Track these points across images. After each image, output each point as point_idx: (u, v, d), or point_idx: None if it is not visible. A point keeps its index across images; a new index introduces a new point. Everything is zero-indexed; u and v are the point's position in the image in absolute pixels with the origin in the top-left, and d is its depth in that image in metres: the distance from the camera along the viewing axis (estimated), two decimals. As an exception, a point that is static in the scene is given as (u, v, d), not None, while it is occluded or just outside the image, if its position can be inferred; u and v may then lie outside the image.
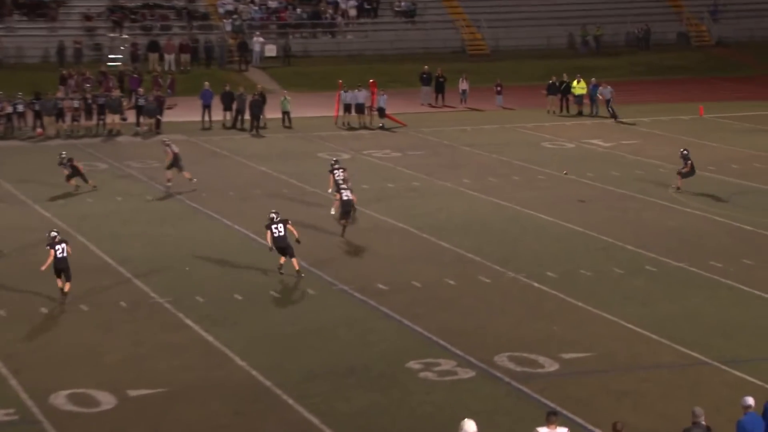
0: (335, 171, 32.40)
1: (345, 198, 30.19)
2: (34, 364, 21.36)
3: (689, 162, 35.42)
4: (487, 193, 35.41)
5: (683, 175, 35.43)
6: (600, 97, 49.23)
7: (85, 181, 35.30)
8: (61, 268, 24.85)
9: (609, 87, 49.05)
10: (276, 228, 26.51)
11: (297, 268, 26.53)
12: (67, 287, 24.89)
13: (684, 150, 36.06)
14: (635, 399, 19.91)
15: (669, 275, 27.00)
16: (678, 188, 35.31)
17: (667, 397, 19.97)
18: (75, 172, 35.20)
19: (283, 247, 26.45)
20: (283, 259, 26.58)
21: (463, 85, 52.67)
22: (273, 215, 26.82)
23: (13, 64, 57.83)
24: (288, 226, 26.75)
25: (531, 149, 42.69)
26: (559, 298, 25.36)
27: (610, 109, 48.49)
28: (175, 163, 35.64)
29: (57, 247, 24.83)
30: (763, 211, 32.93)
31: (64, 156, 35.43)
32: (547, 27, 66.39)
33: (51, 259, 24.75)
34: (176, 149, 35.96)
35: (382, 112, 47.24)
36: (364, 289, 25.81)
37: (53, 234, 25.20)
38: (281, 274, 26.66)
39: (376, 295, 25.47)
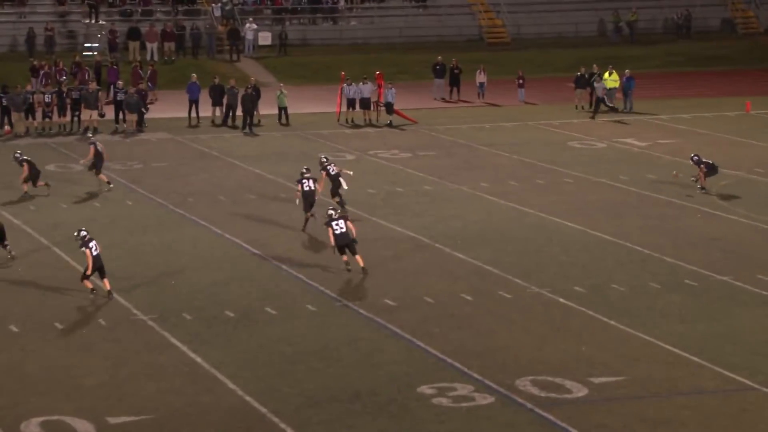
0: (328, 168, 33.27)
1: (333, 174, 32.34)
2: (4, 388, 21.49)
3: (702, 166, 35.80)
4: (507, 199, 35.52)
5: (706, 175, 35.74)
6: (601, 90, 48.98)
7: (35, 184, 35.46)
8: (98, 266, 26.12)
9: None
10: (337, 225, 27.80)
11: (362, 264, 27.94)
12: (107, 284, 26.09)
13: (694, 155, 36.37)
14: (674, 428, 20.01)
15: (711, 290, 27.10)
16: (703, 188, 35.59)
17: (709, 428, 20.07)
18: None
19: (345, 244, 27.90)
20: (345, 257, 27.95)
21: (481, 77, 52.83)
22: (331, 212, 28.27)
23: (-23, 54, 58.14)
24: (347, 222, 27.99)
25: (557, 149, 42.77)
26: (587, 315, 25.46)
27: (604, 101, 48.38)
28: (97, 164, 36.10)
29: (90, 245, 26.06)
30: (817, 219, 33.04)
31: (18, 155, 35.53)
32: (575, 12, 66.48)
33: (90, 259, 25.97)
34: (101, 148, 36.40)
35: (390, 107, 47.41)
36: (370, 306, 25.93)
37: (83, 233, 26.30)
38: (348, 271, 27.86)
39: (384, 312, 25.59)
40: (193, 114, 47.16)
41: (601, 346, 23.67)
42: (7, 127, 44.81)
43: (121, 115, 46.04)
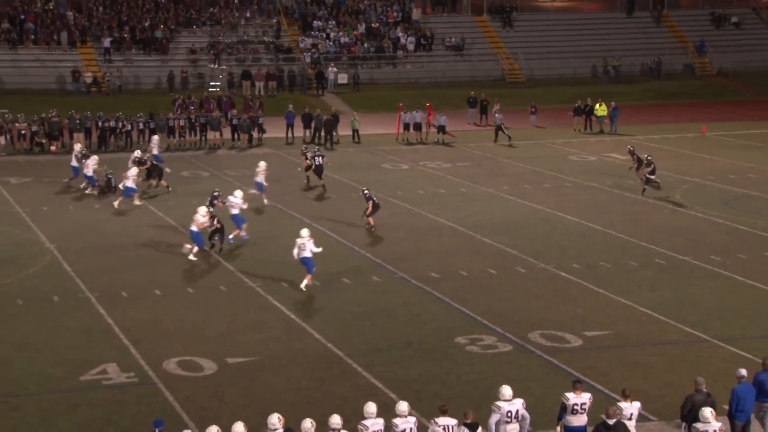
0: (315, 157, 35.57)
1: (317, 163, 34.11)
2: (150, 336, 21.72)
3: (635, 156, 36.63)
4: (522, 198, 35.35)
5: (638, 167, 36.70)
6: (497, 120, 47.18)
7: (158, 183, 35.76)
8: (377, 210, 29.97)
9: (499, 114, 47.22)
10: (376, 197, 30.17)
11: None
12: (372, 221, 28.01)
13: (630, 147, 37.67)
14: (646, 370, 19.87)
15: (675, 267, 26.84)
16: (645, 178, 35.58)
17: (673, 369, 19.90)
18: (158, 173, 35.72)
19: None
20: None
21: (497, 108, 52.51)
22: (366, 191, 30.31)
23: (132, 89, 58.59)
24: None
25: (559, 161, 42.51)
26: (582, 285, 25.32)
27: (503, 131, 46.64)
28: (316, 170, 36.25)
29: (374, 198, 29.96)
30: (756, 214, 32.60)
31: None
32: (574, 59, 66.06)
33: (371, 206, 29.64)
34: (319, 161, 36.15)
35: (443, 129, 47.33)
36: (420, 277, 25.93)
37: (366, 190, 30.16)
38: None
39: (430, 282, 25.57)
40: (290, 134, 47.23)
41: (592, 308, 23.53)
42: (52, 147, 43.76)
43: (235, 136, 46.19)
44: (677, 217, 32.59)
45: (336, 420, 14.81)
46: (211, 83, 58.98)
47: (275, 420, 14.51)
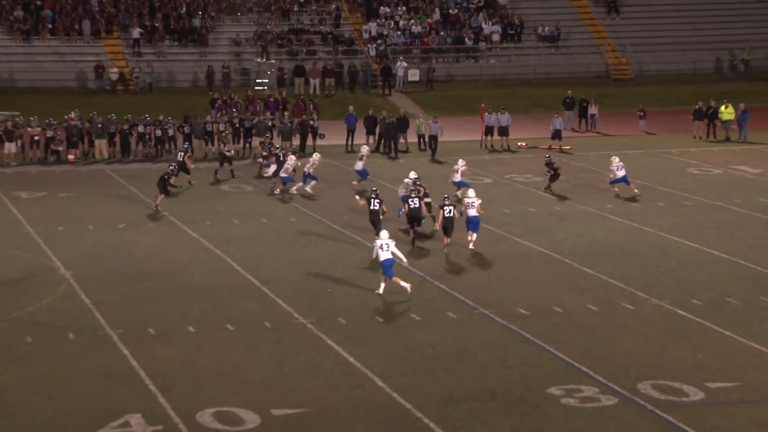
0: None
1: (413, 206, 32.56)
2: (182, 381, 21.77)
3: (548, 168, 38.36)
4: (629, 219, 35.01)
5: (550, 179, 38.32)
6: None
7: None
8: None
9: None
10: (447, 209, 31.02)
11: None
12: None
13: (547, 156, 39.29)
14: (783, 431, 19.44)
15: (819, 305, 26.32)
16: (548, 189, 37.66)
17: (817, 430, 19.44)
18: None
19: (446, 226, 30.89)
20: (447, 240, 30.97)
21: (593, 109, 52.36)
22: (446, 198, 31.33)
23: (165, 87, 59.33)
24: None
25: (676, 175, 42.07)
26: (704, 325, 24.92)
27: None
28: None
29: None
30: None
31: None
32: (693, 51, 65.55)
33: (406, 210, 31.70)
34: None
35: (558, 134, 47.28)
36: (504, 314, 25.72)
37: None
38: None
39: (517, 319, 25.36)
40: (350, 141, 47.40)
41: (717, 354, 23.13)
42: (189, 153, 45.13)
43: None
44: (822, 243, 32.00)
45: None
46: (258, 80, 59.50)
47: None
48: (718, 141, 49.19)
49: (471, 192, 32.05)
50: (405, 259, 28.09)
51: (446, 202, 31.13)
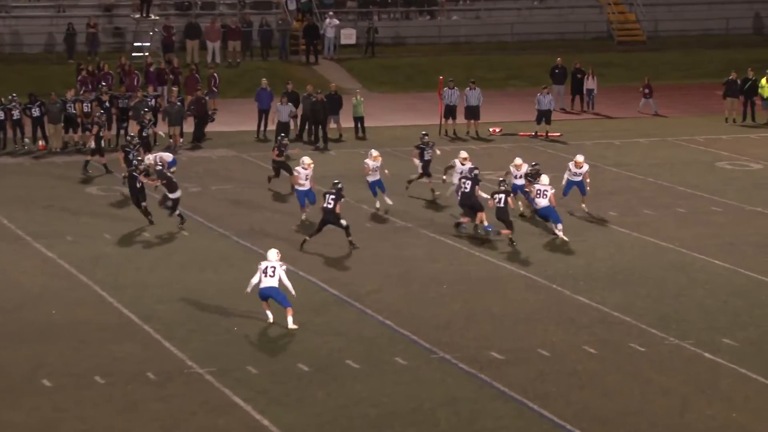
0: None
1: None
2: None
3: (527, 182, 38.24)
4: (640, 231, 35.34)
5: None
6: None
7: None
8: None
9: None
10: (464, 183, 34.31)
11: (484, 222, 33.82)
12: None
13: (535, 164, 38.29)
14: None
15: None
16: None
17: None
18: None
19: (469, 204, 34.21)
20: (466, 219, 34.22)
21: (590, 83, 52.64)
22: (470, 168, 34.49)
23: (9, 54, 58.98)
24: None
25: (701, 171, 42.53)
26: (739, 373, 25.21)
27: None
28: None
29: None
30: None
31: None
32: (725, 5, 66.11)
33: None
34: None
35: (545, 116, 47.68)
36: (472, 359, 25.88)
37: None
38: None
39: (490, 366, 25.52)
40: (263, 126, 47.43)
41: (758, 412, 23.41)
42: (41, 143, 45.06)
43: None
44: None
45: None
46: (136, 44, 59.35)
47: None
48: (758, 125, 49.70)
49: (545, 178, 34.52)
50: (294, 292, 27.70)
51: (501, 187, 34.14)
